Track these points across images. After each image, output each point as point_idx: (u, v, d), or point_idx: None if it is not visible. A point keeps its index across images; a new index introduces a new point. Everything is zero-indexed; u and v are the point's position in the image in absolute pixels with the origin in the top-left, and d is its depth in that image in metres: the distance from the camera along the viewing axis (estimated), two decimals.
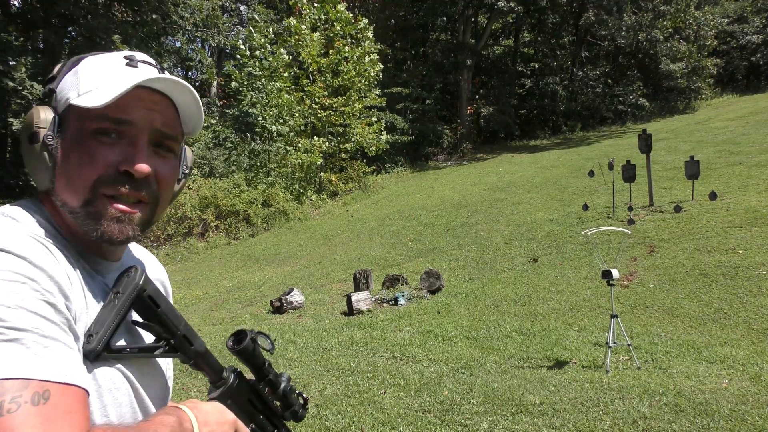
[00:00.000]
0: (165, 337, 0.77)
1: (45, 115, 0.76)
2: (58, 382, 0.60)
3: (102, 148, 0.75)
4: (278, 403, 0.95)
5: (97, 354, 0.70)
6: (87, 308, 0.73)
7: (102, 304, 0.75)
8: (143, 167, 0.76)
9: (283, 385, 0.94)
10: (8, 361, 0.58)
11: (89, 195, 0.75)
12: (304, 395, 0.98)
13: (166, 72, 0.83)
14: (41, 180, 0.76)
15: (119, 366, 0.75)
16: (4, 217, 0.73)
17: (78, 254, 0.77)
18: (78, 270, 0.75)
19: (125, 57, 0.81)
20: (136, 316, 0.78)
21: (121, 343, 0.77)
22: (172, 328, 0.77)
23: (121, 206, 0.77)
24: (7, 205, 0.76)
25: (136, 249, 0.97)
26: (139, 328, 0.80)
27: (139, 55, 0.82)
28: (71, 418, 0.60)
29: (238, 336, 0.87)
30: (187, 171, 0.90)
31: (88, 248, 0.80)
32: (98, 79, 0.77)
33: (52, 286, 0.65)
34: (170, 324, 0.77)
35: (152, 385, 0.83)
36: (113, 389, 0.74)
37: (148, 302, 0.75)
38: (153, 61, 0.83)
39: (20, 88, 12.47)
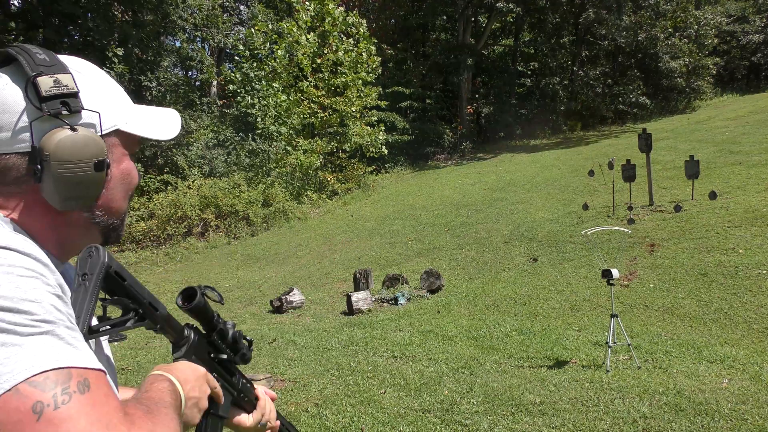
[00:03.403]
0: (133, 308, 0.79)
1: (101, 141, 0.79)
2: (91, 368, 0.63)
3: (134, 167, 0.88)
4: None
5: (83, 337, 0.71)
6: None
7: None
8: None
9: (231, 332, 0.99)
10: (49, 353, 0.60)
11: (127, 205, 0.88)
12: (248, 338, 1.05)
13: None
14: (87, 199, 0.80)
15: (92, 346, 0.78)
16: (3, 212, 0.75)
17: None
18: None
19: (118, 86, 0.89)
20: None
21: (94, 322, 0.77)
22: (139, 298, 0.79)
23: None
24: None
25: None
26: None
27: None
28: (109, 399, 0.63)
29: (188, 293, 0.88)
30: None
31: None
32: (138, 108, 0.88)
33: (54, 280, 0.68)
34: (137, 294, 0.79)
35: (107, 363, 0.89)
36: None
37: (116, 278, 0.76)
38: None
39: None
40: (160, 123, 0.90)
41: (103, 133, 0.81)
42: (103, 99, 0.82)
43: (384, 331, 6.19)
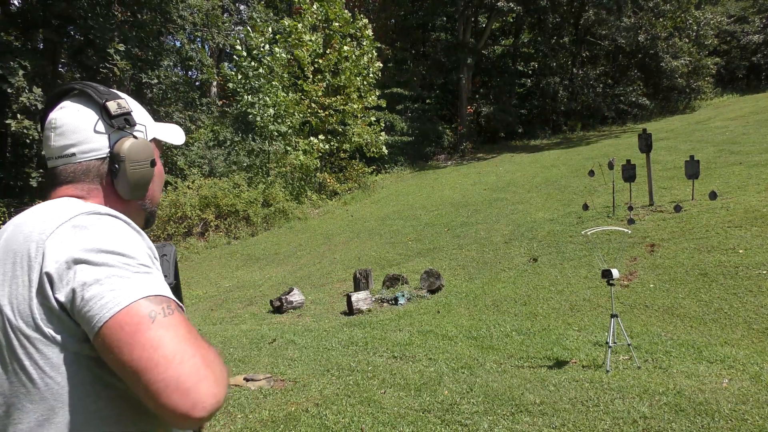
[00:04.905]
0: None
1: (151, 145, 1.06)
2: (177, 303, 0.87)
3: (162, 166, 1.14)
4: None
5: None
6: None
7: None
8: None
9: None
10: (152, 285, 0.85)
11: (160, 195, 1.15)
12: None
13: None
14: (144, 190, 1.06)
15: None
16: (85, 201, 0.97)
17: None
18: None
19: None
20: None
21: None
22: (180, 291, 1.08)
23: None
24: (68, 201, 0.96)
25: None
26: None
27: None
28: (191, 325, 0.87)
29: None
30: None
31: None
32: (162, 123, 1.17)
33: (145, 244, 0.92)
34: (180, 293, 1.07)
35: None
36: None
37: (177, 267, 1.09)
38: None
39: (21, 88, 12.46)
40: (174, 133, 1.18)
41: (148, 140, 1.07)
42: (142, 116, 1.09)
43: (384, 331, 6.19)
